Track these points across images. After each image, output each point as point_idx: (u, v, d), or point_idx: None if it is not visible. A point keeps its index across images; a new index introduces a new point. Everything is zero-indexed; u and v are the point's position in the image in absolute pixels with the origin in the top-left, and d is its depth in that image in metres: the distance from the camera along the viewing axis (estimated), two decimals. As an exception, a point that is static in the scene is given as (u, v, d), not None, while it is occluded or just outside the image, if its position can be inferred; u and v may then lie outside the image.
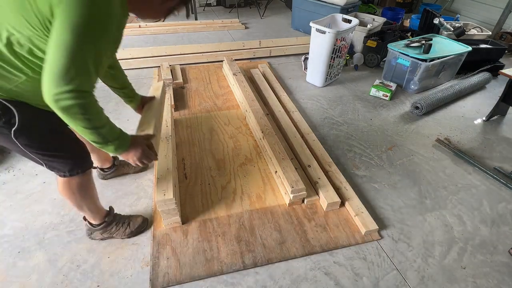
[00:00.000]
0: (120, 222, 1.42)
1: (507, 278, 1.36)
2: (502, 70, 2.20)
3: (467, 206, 1.70)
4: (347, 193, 1.65)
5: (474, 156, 2.05)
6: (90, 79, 0.84)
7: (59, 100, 0.79)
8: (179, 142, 2.03)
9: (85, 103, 0.83)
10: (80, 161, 1.14)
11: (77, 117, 0.83)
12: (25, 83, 0.88)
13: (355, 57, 3.15)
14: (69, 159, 1.10)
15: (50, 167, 1.09)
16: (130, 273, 1.31)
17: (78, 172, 1.13)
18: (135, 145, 1.05)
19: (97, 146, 0.95)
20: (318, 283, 1.30)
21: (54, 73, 0.77)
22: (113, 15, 0.83)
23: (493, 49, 3.05)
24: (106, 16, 0.81)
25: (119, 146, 0.99)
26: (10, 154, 1.91)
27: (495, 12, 4.03)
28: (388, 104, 2.60)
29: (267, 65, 3.04)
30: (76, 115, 0.82)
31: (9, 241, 1.43)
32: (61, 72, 0.77)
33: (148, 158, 1.10)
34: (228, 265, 1.34)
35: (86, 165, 1.17)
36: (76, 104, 0.80)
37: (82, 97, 0.82)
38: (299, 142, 1.94)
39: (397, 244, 1.48)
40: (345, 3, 3.42)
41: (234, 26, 4.12)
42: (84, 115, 0.83)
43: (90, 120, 0.86)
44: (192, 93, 2.59)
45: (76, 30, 0.75)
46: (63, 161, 1.09)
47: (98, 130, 0.90)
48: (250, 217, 1.56)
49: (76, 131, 0.90)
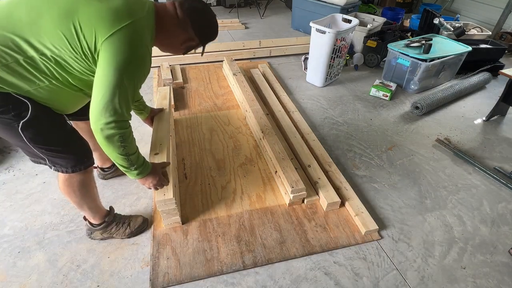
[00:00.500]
0: (120, 222, 1.42)
1: (507, 278, 1.36)
2: (502, 70, 2.20)
3: (467, 206, 1.70)
4: (347, 193, 1.65)
5: (474, 156, 2.05)
6: (129, 109, 0.99)
7: (104, 129, 0.93)
8: (179, 142, 2.03)
9: (125, 133, 0.98)
10: (82, 158, 1.15)
11: (116, 144, 0.98)
12: (44, 88, 0.94)
13: (355, 57, 3.15)
14: (72, 155, 1.11)
15: (52, 162, 1.10)
16: (130, 273, 1.31)
17: (80, 168, 1.14)
18: (153, 172, 1.20)
19: (123, 170, 1.09)
20: (318, 283, 1.30)
21: (101, 107, 0.90)
22: (148, 53, 0.99)
23: (493, 49, 3.05)
24: (144, 55, 0.97)
25: (141, 172, 1.13)
26: (10, 154, 1.91)
27: (495, 12, 4.03)
28: (388, 104, 2.60)
29: (267, 65, 3.04)
30: (116, 142, 0.97)
31: (9, 241, 1.43)
32: (107, 106, 0.90)
33: (162, 185, 1.27)
34: (228, 265, 1.34)
35: (89, 162, 1.18)
36: (118, 133, 0.95)
37: (123, 127, 0.97)
38: (299, 142, 1.94)
39: (397, 244, 1.48)
40: (345, 3, 3.42)
41: (234, 26, 4.12)
42: (122, 142, 0.98)
43: (125, 147, 1.00)
44: (192, 93, 2.59)
45: (120, 70, 0.89)
46: (66, 157, 1.10)
47: (129, 156, 1.04)
48: (250, 217, 1.56)
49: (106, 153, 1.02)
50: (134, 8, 0.95)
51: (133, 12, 0.93)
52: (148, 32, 0.99)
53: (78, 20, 0.87)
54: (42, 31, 0.86)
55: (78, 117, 1.36)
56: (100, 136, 0.95)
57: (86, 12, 0.88)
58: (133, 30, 0.92)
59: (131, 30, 0.91)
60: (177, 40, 1.11)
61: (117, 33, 0.89)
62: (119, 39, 0.89)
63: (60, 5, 0.88)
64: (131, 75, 0.93)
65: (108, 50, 0.89)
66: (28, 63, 0.88)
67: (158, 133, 1.53)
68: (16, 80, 0.89)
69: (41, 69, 0.90)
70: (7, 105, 0.91)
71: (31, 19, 0.86)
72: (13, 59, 0.86)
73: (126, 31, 0.90)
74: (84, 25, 0.87)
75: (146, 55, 0.98)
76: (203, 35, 1.14)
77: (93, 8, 0.88)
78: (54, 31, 0.86)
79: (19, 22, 0.86)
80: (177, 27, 1.07)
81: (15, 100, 0.92)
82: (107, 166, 1.70)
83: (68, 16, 0.87)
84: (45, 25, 0.86)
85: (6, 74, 0.87)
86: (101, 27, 0.88)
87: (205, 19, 1.13)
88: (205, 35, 1.15)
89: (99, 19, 0.88)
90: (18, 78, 0.89)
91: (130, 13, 0.92)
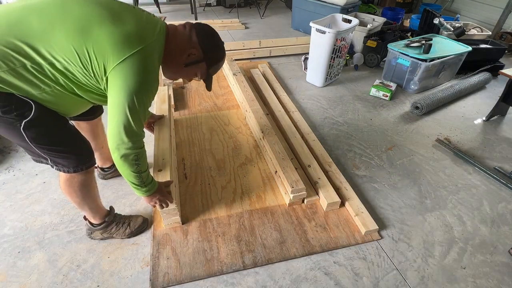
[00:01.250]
0: (120, 222, 1.42)
1: (507, 278, 1.36)
2: (502, 70, 2.20)
3: (467, 206, 1.70)
4: (347, 193, 1.65)
5: (474, 156, 2.05)
6: (142, 126, 1.04)
7: (120, 149, 0.99)
8: (179, 142, 2.03)
9: (140, 152, 1.04)
10: (84, 158, 1.16)
11: (131, 163, 1.03)
12: (49, 93, 0.95)
13: (355, 57, 3.15)
14: (74, 156, 1.11)
15: (54, 162, 1.10)
16: (130, 273, 1.31)
17: (82, 168, 1.15)
18: (159, 191, 1.23)
19: (133, 187, 1.13)
20: (318, 283, 1.30)
21: (117, 130, 0.96)
22: (156, 77, 1.03)
23: (493, 49, 3.05)
24: (153, 80, 1.01)
25: (149, 189, 1.17)
26: (10, 154, 1.91)
27: (495, 12, 4.03)
28: (388, 104, 2.60)
29: (267, 65, 3.04)
30: (131, 161, 1.02)
31: (9, 241, 1.43)
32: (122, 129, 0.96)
33: (167, 203, 1.29)
34: (228, 265, 1.34)
35: (90, 162, 1.19)
36: (133, 153, 1.01)
37: (138, 147, 1.03)
38: (299, 142, 1.94)
39: (397, 244, 1.48)
40: (345, 3, 3.42)
41: (234, 26, 4.12)
42: (137, 161, 1.04)
43: (139, 165, 1.05)
44: (192, 93, 2.59)
45: (131, 95, 0.94)
46: (68, 157, 1.10)
47: (141, 174, 1.09)
48: (250, 217, 1.56)
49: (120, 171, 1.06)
50: (146, 30, 0.97)
51: (144, 37, 0.95)
52: (157, 54, 1.01)
53: (92, 44, 0.88)
54: (53, 42, 0.87)
55: (80, 118, 1.37)
56: (117, 155, 1.00)
57: (100, 35, 0.88)
58: (143, 56, 0.94)
59: (141, 56, 0.93)
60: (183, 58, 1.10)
61: (127, 60, 0.91)
62: (129, 65, 0.91)
63: (75, 20, 0.88)
64: (141, 99, 0.97)
65: (119, 76, 0.92)
66: (35, 69, 0.88)
67: (160, 144, 1.54)
68: (22, 84, 0.90)
69: (47, 76, 0.91)
70: (10, 105, 0.91)
71: (43, 28, 0.86)
72: (20, 64, 0.87)
73: (137, 57, 0.92)
74: (97, 49, 0.89)
75: (155, 79, 1.02)
76: (209, 54, 1.13)
77: (106, 31, 0.89)
78: (66, 44, 0.87)
79: (30, 29, 0.86)
80: (186, 44, 1.08)
81: (18, 100, 0.92)
82: (107, 166, 1.70)
83: (81, 35, 0.88)
84: (57, 37, 0.87)
85: (13, 77, 0.88)
86: (112, 53, 0.89)
87: (214, 40, 1.14)
88: (212, 55, 1.14)
89: (111, 44, 0.89)
90: (24, 82, 0.90)
91: (141, 38, 0.94)
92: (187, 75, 1.19)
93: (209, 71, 1.17)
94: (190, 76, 1.20)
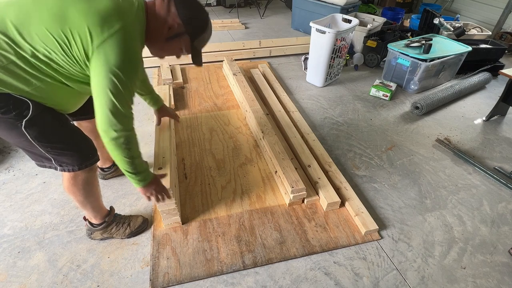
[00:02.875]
0: (120, 222, 1.42)
1: (507, 278, 1.36)
2: (502, 70, 2.20)
3: (467, 206, 1.70)
4: (347, 193, 1.65)
5: (474, 156, 2.05)
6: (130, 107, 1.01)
7: (108, 131, 0.96)
8: (179, 142, 2.03)
9: (129, 136, 1.01)
10: (88, 154, 1.16)
11: (122, 147, 1.00)
12: (42, 87, 0.95)
13: (355, 57, 3.15)
14: (77, 152, 1.11)
15: (59, 162, 1.10)
16: (130, 273, 1.31)
17: (86, 165, 1.15)
18: (155, 182, 1.20)
19: (127, 175, 1.10)
20: (318, 283, 1.30)
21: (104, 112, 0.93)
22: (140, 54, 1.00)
23: (493, 49, 3.05)
24: (136, 58, 0.98)
25: (144, 178, 1.13)
26: (10, 154, 1.91)
27: (495, 12, 4.03)
28: (388, 104, 2.60)
29: (267, 65, 3.04)
30: (122, 145, 0.99)
31: (9, 241, 1.43)
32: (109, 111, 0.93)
33: (162, 196, 1.25)
34: (228, 265, 1.34)
35: (94, 158, 1.19)
36: (122, 135, 0.98)
37: (126, 129, 0.99)
38: (299, 142, 1.94)
39: (397, 244, 1.48)
40: (345, 3, 3.42)
41: (234, 26, 4.12)
42: (127, 145, 1.01)
43: (130, 149, 1.02)
44: (192, 93, 2.59)
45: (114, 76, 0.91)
46: (72, 154, 1.10)
47: (134, 160, 1.06)
48: (250, 217, 1.56)
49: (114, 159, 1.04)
50: (123, 8, 0.93)
51: (122, 13, 0.91)
52: (138, 33, 0.98)
53: (69, 27, 0.86)
54: (32, 31, 0.86)
55: (81, 117, 1.37)
56: (107, 139, 0.97)
57: (76, 17, 0.86)
58: (124, 36, 0.90)
59: (122, 37, 0.90)
60: (164, 32, 1.05)
61: (108, 41, 0.88)
62: (110, 46, 0.89)
63: (50, 6, 0.87)
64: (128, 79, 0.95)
65: (101, 58, 0.89)
66: (23, 63, 0.88)
67: (160, 143, 1.53)
68: (14, 81, 0.90)
69: (35, 68, 0.91)
70: (8, 105, 0.91)
71: (20, 21, 0.86)
72: (8, 61, 0.87)
73: (117, 37, 0.89)
74: (75, 31, 0.87)
75: (138, 58, 1.00)
76: (190, 26, 1.05)
77: (81, 11, 0.87)
78: (44, 31, 0.86)
79: (9, 22, 0.85)
80: (165, 16, 1.02)
81: (15, 100, 0.92)
82: (107, 166, 1.71)
83: (57, 19, 0.86)
84: (34, 26, 0.86)
85: (4, 76, 0.88)
86: (91, 34, 0.87)
87: (194, 10, 1.07)
88: (193, 26, 1.07)
89: (89, 25, 0.86)
90: (16, 79, 0.90)
91: (119, 15, 0.90)
92: (172, 51, 1.12)
93: (193, 44, 1.10)
94: (176, 52, 1.12)
